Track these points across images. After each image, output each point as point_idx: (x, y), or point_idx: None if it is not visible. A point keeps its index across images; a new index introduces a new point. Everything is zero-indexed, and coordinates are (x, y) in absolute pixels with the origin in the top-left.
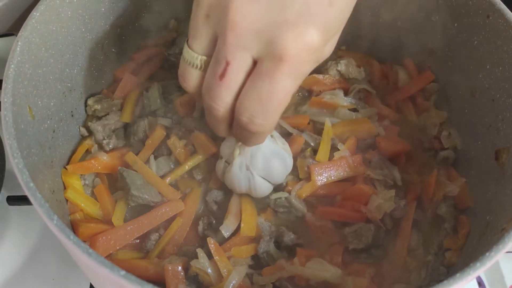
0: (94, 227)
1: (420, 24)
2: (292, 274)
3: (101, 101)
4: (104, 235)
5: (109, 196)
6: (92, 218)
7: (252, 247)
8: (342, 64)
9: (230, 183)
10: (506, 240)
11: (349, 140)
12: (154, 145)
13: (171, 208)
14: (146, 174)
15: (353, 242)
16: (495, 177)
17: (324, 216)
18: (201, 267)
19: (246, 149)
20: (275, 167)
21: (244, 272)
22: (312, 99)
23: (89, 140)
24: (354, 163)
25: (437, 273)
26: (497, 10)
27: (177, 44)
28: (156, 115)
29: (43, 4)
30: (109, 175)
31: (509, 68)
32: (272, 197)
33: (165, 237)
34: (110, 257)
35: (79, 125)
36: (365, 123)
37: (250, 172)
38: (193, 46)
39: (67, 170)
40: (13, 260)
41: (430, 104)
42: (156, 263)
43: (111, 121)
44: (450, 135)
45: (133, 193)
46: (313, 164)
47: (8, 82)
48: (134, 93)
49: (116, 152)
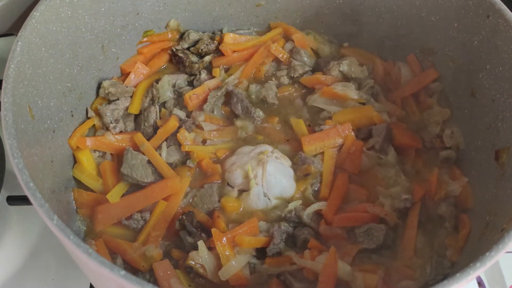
0: (92, 194)
1: (420, 24)
2: (301, 266)
3: (115, 85)
4: (104, 207)
5: (113, 174)
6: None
7: (258, 240)
8: (344, 64)
9: (248, 205)
10: (506, 240)
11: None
12: (166, 134)
13: (169, 185)
14: (151, 155)
15: (364, 242)
16: (495, 177)
17: (338, 224)
18: (200, 260)
19: (259, 177)
20: (286, 185)
21: (244, 261)
22: (323, 88)
23: (96, 120)
24: (343, 131)
25: (441, 267)
26: (497, 10)
27: (184, 39)
28: (165, 107)
29: (43, 4)
30: (120, 155)
31: (509, 68)
32: (289, 207)
33: (150, 221)
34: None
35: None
36: (367, 111)
37: (268, 198)
38: None
39: (80, 148)
40: (13, 260)
41: (433, 101)
42: (135, 248)
43: (120, 106)
44: (452, 133)
45: (122, 171)
46: (303, 136)
47: (8, 82)
48: (143, 84)
49: (127, 134)
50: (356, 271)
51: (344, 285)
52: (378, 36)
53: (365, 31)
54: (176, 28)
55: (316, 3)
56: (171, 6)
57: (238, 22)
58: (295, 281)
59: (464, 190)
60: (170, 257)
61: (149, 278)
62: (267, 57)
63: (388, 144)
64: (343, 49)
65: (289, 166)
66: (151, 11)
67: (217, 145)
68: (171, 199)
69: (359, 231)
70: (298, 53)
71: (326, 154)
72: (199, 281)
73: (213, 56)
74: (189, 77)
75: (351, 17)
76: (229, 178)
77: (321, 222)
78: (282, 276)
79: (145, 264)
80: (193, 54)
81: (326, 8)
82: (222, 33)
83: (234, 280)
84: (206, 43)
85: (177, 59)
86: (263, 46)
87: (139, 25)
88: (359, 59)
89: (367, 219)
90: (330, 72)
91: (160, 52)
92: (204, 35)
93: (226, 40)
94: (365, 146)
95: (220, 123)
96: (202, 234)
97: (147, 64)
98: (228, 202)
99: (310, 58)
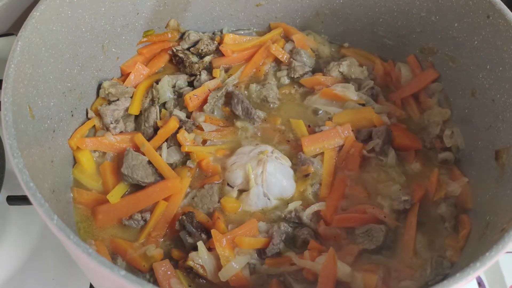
0: (92, 194)
1: (420, 24)
2: (300, 267)
3: (115, 86)
4: (104, 207)
5: (113, 174)
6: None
7: (258, 240)
8: (344, 65)
9: (248, 206)
10: (506, 240)
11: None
12: (166, 135)
13: (169, 186)
14: (151, 155)
15: (364, 242)
16: (495, 177)
17: (338, 224)
18: (200, 261)
19: (259, 177)
20: (286, 185)
21: (244, 262)
22: (323, 89)
23: (96, 120)
24: (343, 132)
25: (441, 267)
26: (497, 10)
27: (185, 40)
28: (166, 108)
29: (43, 4)
30: (120, 156)
31: (509, 68)
32: (289, 208)
33: (151, 221)
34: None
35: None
36: (367, 112)
37: (267, 198)
38: None
39: (80, 148)
40: (13, 260)
41: (433, 101)
42: (136, 248)
43: (121, 107)
44: (452, 134)
45: (122, 172)
46: (303, 137)
47: (8, 82)
48: (144, 85)
49: (127, 135)
50: (355, 271)
51: (344, 285)
52: (378, 36)
53: (365, 31)
54: (176, 28)
55: (316, 3)
56: (171, 6)
57: (238, 22)
58: (295, 282)
59: (464, 190)
60: (170, 257)
61: (149, 278)
62: (267, 57)
63: (388, 146)
64: (343, 50)
65: (289, 166)
66: (151, 11)
67: (217, 145)
68: (171, 199)
69: (359, 231)
70: (298, 53)
71: (326, 154)
72: (199, 282)
73: (213, 56)
74: (189, 78)
75: (351, 17)
76: (229, 178)
77: (321, 223)
78: (282, 276)
79: (146, 264)
80: (193, 55)
81: (326, 8)
82: (222, 34)
83: (234, 280)
84: (206, 44)
85: (177, 59)
86: (263, 47)
87: (139, 25)
88: (359, 60)
89: (367, 220)
90: (330, 73)
91: (160, 53)
92: (204, 36)
93: (226, 41)
94: (365, 148)
95: (220, 123)
96: (202, 234)
97: (147, 65)
98: (227, 202)
99: (310, 59)
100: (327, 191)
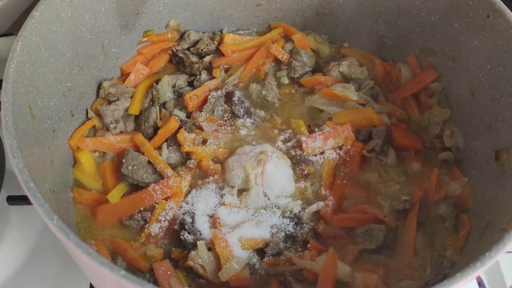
0: (92, 194)
1: (420, 24)
2: (300, 267)
3: (115, 86)
4: (104, 207)
5: (113, 174)
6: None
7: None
8: (344, 65)
9: (248, 205)
10: (506, 240)
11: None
12: (166, 135)
13: (169, 186)
14: (151, 156)
15: (364, 242)
16: (495, 177)
17: (338, 224)
18: (200, 261)
19: (259, 177)
20: (286, 185)
21: (244, 262)
22: (323, 89)
23: (96, 120)
24: (343, 132)
25: (441, 267)
26: (497, 10)
27: (185, 40)
28: (166, 108)
29: (43, 4)
30: (120, 156)
31: (509, 68)
32: (289, 208)
33: (151, 221)
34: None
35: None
36: (367, 112)
37: (267, 197)
38: None
39: (80, 148)
40: (13, 260)
41: (433, 101)
42: (136, 248)
43: (121, 107)
44: (452, 133)
45: (122, 172)
46: (303, 137)
47: (8, 82)
48: (143, 85)
49: (127, 135)
50: (355, 271)
51: (344, 285)
52: (378, 36)
53: (365, 31)
54: (176, 28)
55: (316, 3)
56: (171, 6)
57: (238, 22)
58: (295, 282)
59: (464, 190)
60: (170, 257)
61: (149, 278)
62: (267, 57)
63: (388, 146)
64: (343, 50)
65: (289, 166)
66: (151, 11)
67: (217, 145)
68: (171, 199)
69: (359, 231)
70: (298, 53)
71: (326, 154)
72: (199, 282)
73: (213, 56)
74: (189, 78)
75: (351, 17)
76: (229, 178)
77: (321, 222)
78: (282, 276)
79: (146, 264)
80: (193, 55)
81: (326, 8)
82: (222, 33)
83: (234, 280)
84: (206, 44)
85: (177, 59)
86: (263, 47)
87: (139, 25)
88: (359, 60)
89: (366, 220)
90: (330, 73)
91: (160, 53)
92: (204, 36)
93: (226, 41)
94: (365, 148)
95: (220, 123)
96: (201, 234)
97: (147, 65)
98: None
99: (310, 59)
100: (327, 191)
